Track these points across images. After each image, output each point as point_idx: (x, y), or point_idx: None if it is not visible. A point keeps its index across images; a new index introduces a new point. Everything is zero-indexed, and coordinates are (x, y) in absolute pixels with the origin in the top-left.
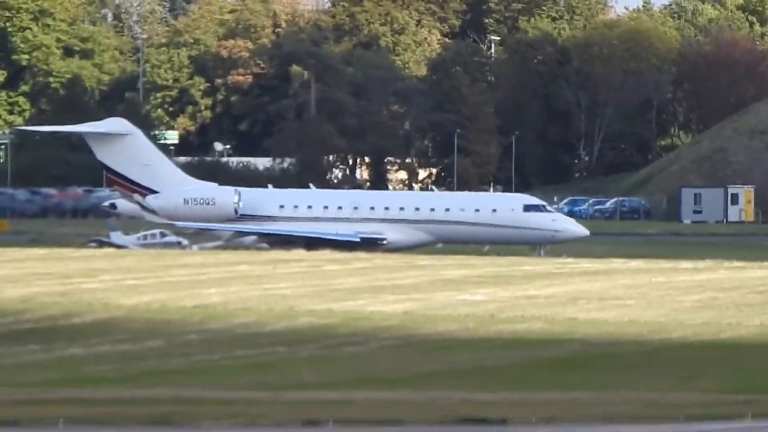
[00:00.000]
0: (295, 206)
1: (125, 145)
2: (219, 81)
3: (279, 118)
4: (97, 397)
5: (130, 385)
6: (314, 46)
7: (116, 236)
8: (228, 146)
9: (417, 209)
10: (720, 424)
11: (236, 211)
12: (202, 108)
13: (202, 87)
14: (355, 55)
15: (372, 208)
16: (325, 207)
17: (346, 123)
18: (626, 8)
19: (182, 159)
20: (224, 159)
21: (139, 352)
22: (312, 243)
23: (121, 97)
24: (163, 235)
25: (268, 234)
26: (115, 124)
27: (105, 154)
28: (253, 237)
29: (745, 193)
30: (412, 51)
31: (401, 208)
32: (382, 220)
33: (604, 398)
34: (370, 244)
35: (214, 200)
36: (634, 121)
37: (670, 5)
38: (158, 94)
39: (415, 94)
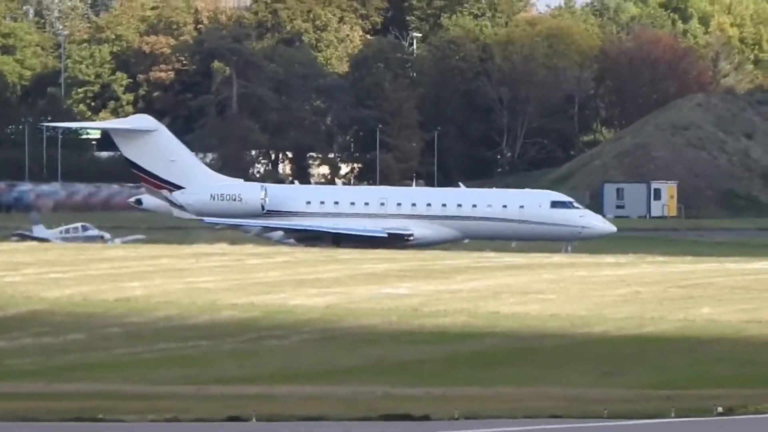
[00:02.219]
0: (322, 202)
1: (151, 141)
2: (141, 77)
3: (201, 114)
4: (19, 391)
5: (52, 378)
6: (236, 42)
7: (38, 230)
8: None
9: (444, 205)
10: (643, 421)
11: (263, 207)
12: (124, 103)
13: (124, 83)
14: (277, 52)
15: (399, 204)
16: (352, 203)
17: (268, 119)
18: (548, 6)
19: (105, 154)
20: None
21: (62, 346)
22: (339, 239)
23: (43, 93)
24: (85, 228)
25: (295, 230)
26: (141, 120)
27: (130, 150)
28: (280, 232)
29: (668, 189)
30: (334, 47)
31: (428, 204)
32: (409, 216)
33: (527, 393)
34: (397, 240)
35: (240, 196)
36: (557, 117)
37: (592, 3)
38: (80, 90)
39: (337, 90)
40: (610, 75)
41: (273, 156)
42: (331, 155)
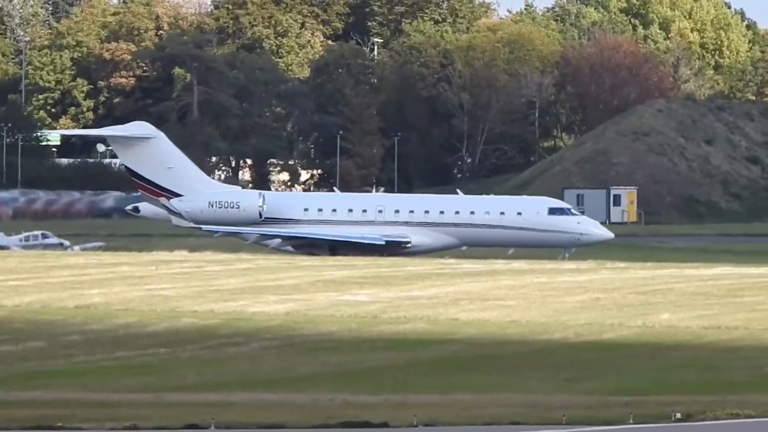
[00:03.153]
0: (320, 209)
1: (149, 149)
2: (102, 83)
3: (162, 120)
4: None
5: (11, 386)
6: (197, 48)
7: None
8: (110, 148)
9: (442, 212)
10: (602, 428)
11: (261, 215)
12: (85, 110)
13: (84, 89)
14: (238, 58)
15: (397, 212)
16: (350, 210)
17: (229, 125)
18: (509, 11)
19: (65, 161)
20: (107, 160)
21: (21, 353)
22: (337, 246)
23: (4, 99)
24: (45, 236)
25: (293, 237)
26: (139, 127)
27: (129, 158)
28: (278, 240)
29: (628, 195)
30: (295, 53)
31: (426, 212)
32: (407, 224)
33: (486, 400)
34: (395, 247)
35: (238, 203)
36: (517, 123)
37: (553, 8)
38: (41, 96)
39: (298, 96)
40: (571, 81)
41: (234, 162)
42: (292, 162)
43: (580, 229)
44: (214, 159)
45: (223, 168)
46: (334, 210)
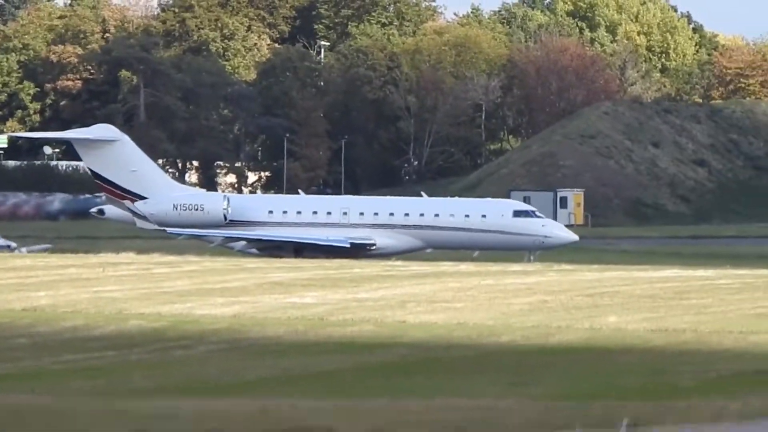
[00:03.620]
0: (284, 211)
1: (113, 151)
2: (48, 86)
3: (108, 123)
4: None
5: None
6: (144, 51)
7: None
8: (57, 150)
9: (406, 215)
10: None
11: (225, 217)
12: (32, 112)
13: (31, 92)
14: (185, 61)
15: (361, 214)
16: (315, 212)
17: (176, 128)
18: (455, 14)
19: (11, 163)
20: (53, 163)
21: None
22: (301, 248)
23: None
24: None
25: (258, 240)
26: (103, 130)
27: (93, 160)
28: (243, 243)
29: (575, 197)
30: (242, 56)
31: (391, 214)
32: (372, 226)
33: (434, 405)
34: (359, 250)
35: (203, 206)
36: (464, 125)
37: (500, 11)
38: None
39: (245, 99)
40: (517, 84)
41: (180, 165)
42: (239, 164)
43: (545, 232)
44: (160, 161)
45: (170, 170)
46: (299, 212)
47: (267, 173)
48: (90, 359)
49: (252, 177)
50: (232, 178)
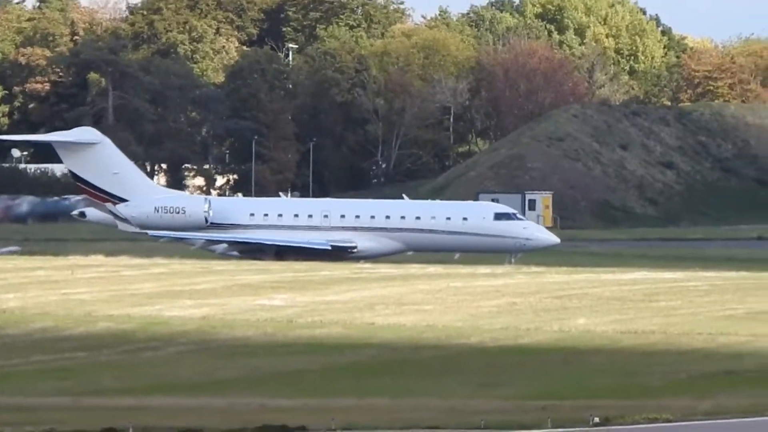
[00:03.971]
0: (266, 214)
1: (94, 154)
2: (17, 88)
3: (77, 125)
4: None
5: None
6: (112, 53)
7: None
8: (25, 153)
9: (388, 217)
10: None
11: (207, 220)
12: (0, 115)
13: None
14: (153, 63)
15: (342, 216)
16: (296, 215)
17: (144, 130)
18: (423, 17)
19: None
20: (22, 165)
21: None
22: (282, 251)
23: None
24: None
25: (239, 242)
26: (85, 132)
27: (74, 163)
28: (224, 245)
29: (543, 199)
30: (210, 59)
31: (372, 217)
32: (353, 229)
33: (403, 405)
34: (341, 252)
35: (184, 209)
36: (432, 128)
37: (468, 14)
38: None
39: (213, 101)
40: (485, 86)
41: (149, 167)
42: (207, 166)
43: (526, 234)
44: None
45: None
46: (280, 215)
47: (235, 176)
48: (59, 360)
49: (220, 180)
50: (200, 181)
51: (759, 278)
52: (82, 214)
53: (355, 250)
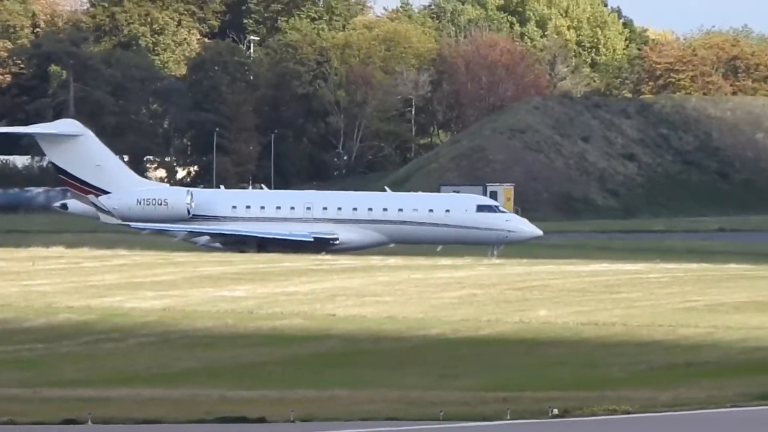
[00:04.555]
0: (248, 206)
1: (77, 146)
2: None
3: (38, 118)
4: None
5: None
6: (73, 46)
7: None
8: None
9: (370, 209)
10: (478, 423)
11: (189, 212)
12: None
13: None
14: (115, 55)
15: (325, 209)
16: (278, 207)
17: (106, 122)
18: (385, 9)
19: None
20: None
21: None
22: (265, 243)
23: None
24: None
25: (221, 234)
26: (67, 125)
27: (56, 155)
28: (206, 237)
29: (505, 191)
30: (171, 51)
31: (354, 209)
32: (335, 221)
33: (363, 396)
34: (323, 244)
35: (166, 201)
36: (394, 120)
37: (430, 6)
38: None
39: (175, 93)
40: (447, 78)
41: None
42: (168, 158)
43: (509, 227)
44: None
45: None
46: (263, 207)
47: (196, 168)
48: (20, 351)
49: (181, 172)
50: (161, 173)
51: (720, 270)
52: (64, 207)
53: (337, 242)
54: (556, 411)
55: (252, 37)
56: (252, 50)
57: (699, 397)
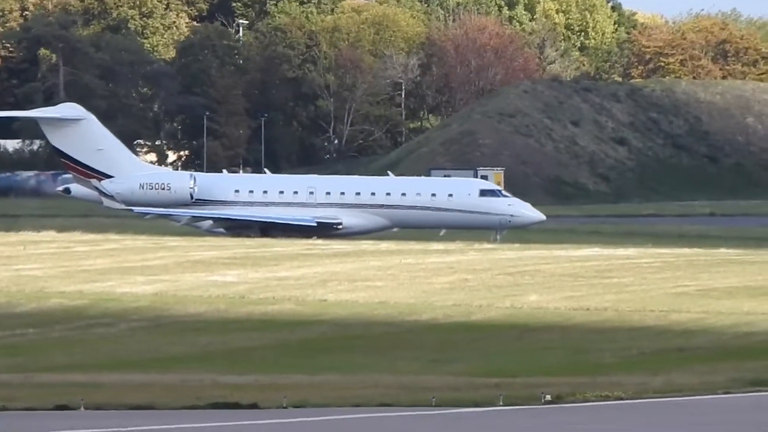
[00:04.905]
0: (251, 191)
1: (79, 130)
2: None
3: (27, 102)
4: None
5: None
6: (63, 29)
7: None
8: None
9: (373, 194)
10: (471, 409)
11: (192, 196)
12: None
13: None
14: (104, 39)
15: (328, 193)
16: (281, 192)
17: (95, 106)
18: None
19: None
20: None
21: None
22: (268, 228)
23: None
24: None
25: (224, 219)
26: (69, 109)
27: (59, 139)
28: (209, 222)
29: (495, 176)
30: (160, 34)
31: (357, 193)
32: (339, 205)
33: (355, 382)
34: (326, 229)
35: (169, 185)
36: (383, 104)
37: None
38: None
39: (164, 77)
40: (436, 62)
41: None
42: (159, 142)
43: (511, 211)
44: None
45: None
46: (266, 191)
47: (186, 152)
48: (11, 337)
49: (172, 156)
50: (152, 157)
51: (711, 255)
52: (67, 191)
53: (340, 227)
54: (548, 397)
55: (241, 21)
56: (241, 34)
57: (691, 383)
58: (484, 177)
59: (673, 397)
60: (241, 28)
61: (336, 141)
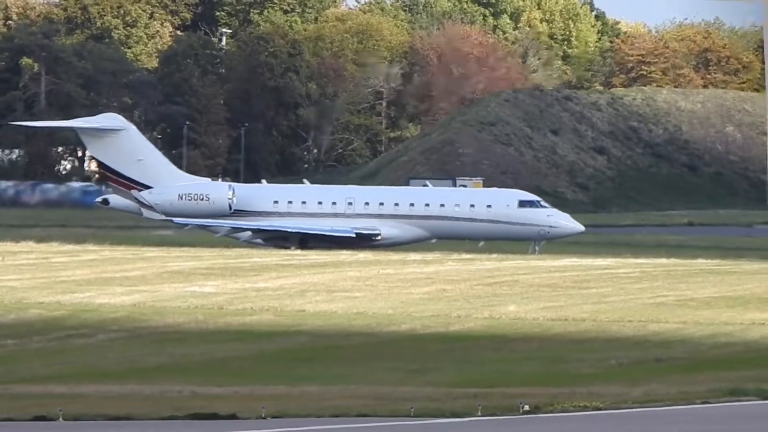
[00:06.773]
0: (290, 201)
1: (119, 141)
2: None
3: (9, 111)
4: None
5: None
6: (45, 38)
7: None
8: None
9: (412, 205)
10: (449, 420)
11: (230, 207)
12: None
13: None
14: (87, 48)
15: (367, 204)
16: (320, 202)
17: (77, 115)
18: (357, 1)
19: None
20: None
21: None
22: (307, 239)
23: None
24: None
25: (263, 230)
26: (109, 119)
27: (98, 150)
28: (248, 233)
29: (474, 185)
30: (143, 44)
31: (396, 204)
32: (377, 216)
33: (334, 392)
34: (365, 240)
35: (208, 196)
36: (364, 113)
37: None
38: None
39: (146, 86)
40: (419, 71)
41: (80, 153)
42: None
43: (550, 222)
44: (60, 149)
45: (70, 158)
46: (304, 202)
47: None
48: None
49: None
50: None
51: (689, 265)
52: (105, 202)
53: (379, 238)
54: (527, 407)
55: (224, 30)
56: (224, 42)
57: (669, 393)
58: (463, 186)
59: (652, 408)
60: (224, 37)
61: (316, 150)
